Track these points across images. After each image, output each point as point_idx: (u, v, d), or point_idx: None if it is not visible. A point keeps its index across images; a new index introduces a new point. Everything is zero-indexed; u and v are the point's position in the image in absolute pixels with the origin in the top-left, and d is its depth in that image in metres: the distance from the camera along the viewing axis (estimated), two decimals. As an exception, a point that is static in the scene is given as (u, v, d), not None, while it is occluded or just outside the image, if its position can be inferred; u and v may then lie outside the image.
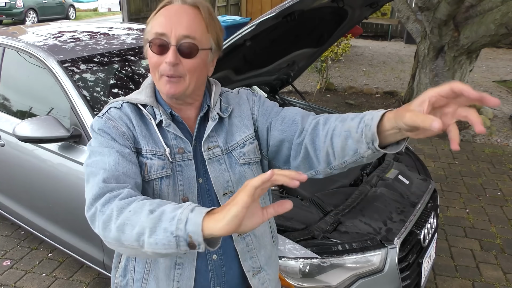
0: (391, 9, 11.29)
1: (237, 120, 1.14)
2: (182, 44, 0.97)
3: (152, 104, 1.06)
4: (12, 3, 13.85)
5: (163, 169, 1.02)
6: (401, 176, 2.33)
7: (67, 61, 2.41)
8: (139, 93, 1.10)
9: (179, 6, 1.00)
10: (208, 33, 1.01)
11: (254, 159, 1.13)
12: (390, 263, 1.83)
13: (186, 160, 1.05)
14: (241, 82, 2.78)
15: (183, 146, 1.05)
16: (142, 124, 1.05)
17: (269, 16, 1.85)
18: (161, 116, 1.05)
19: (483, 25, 4.84)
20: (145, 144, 1.03)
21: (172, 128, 1.05)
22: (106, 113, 1.05)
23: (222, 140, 1.10)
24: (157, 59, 0.99)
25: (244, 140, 1.12)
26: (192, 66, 0.99)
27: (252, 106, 1.17)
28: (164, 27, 0.97)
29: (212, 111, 1.10)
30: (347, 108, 6.13)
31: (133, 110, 1.06)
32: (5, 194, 2.81)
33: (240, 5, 12.42)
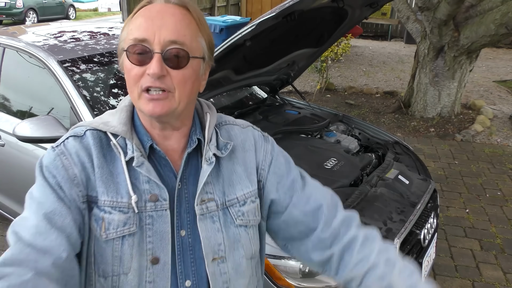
0: (391, 9, 11.29)
1: (240, 168, 0.92)
2: (169, 51, 0.78)
3: (124, 134, 0.84)
4: (12, 3, 13.85)
5: (125, 226, 0.81)
6: (401, 176, 2.33)
7: (67, 61, 2.41)
8: (112, 116, 0.88)
9: (162, 5, 0.81)
10: (200, 38, 0.83)
11: (253, 221, 0.93)
12: (390, 263, 1.83)
13: (160, 210, 0.83)
14: (241, 82, 2.78)
15: (158, 192, 0.83)
16: (105, 162, 0.83)
17: (269, 16, 1.85)
18: (133, 151, 0.83)
19: (483, 25, 4.84)
20: (104, 193, 0.81)
21: (144, 169, 0.82)
22: (62, 144, 0.84)
23: (219, 192, 0.89)
24: (137, 71, 0.79)
25: (245, 197, 0.91)
26: (182, 77, 0.80)
27: (263, 158, 0.96)
28: (145, 31, 0.78)
29: (207, 150, 0.88)
30: (347, 108, 6.13)
31: (98, 141, 0.85)
32: (5, 194, 2.81)
33: (240, 5, 12.42)
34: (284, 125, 2.74)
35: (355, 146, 2.72)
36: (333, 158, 2.41)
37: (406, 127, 5.45)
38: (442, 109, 5.67)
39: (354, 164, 2.42)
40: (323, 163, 2.35)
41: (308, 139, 2.69)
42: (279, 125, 2.73)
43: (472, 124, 5.44)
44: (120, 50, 0.84)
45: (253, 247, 0.93)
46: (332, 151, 2.51)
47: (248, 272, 0.93)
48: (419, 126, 5.47)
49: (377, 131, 2.94)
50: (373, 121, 5.61)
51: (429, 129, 5.35)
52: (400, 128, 5.42)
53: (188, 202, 0.87)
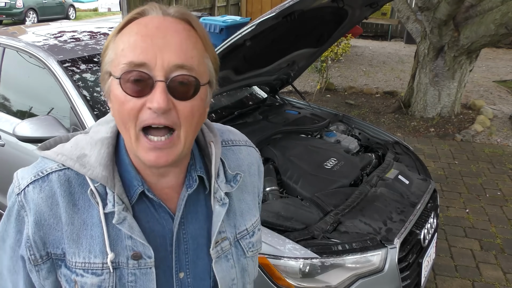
0: (391, 9, 11.29)
1: (248, 196, 0.85)
2: (175, 79, 0.63)
3: (104, 182, 0.69)
4: (12, 3, 13.85)
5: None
6: (401, 176, 2.33)
7: (67, 61, 2.41)
8: (90, 148, 0.72)
9: (160, 19, 0.65)
10: (207, 60, 0.69)
11: (259, 249, 0.88)
12: (390, 263, 1.83)
13: (144, 269, 0.72)
14: (241, 82, 2.78)
15: (141, 250, 0.71)
16: (77, 212, 0.70)
17: (269, 16, 1.85)
18: (114, 205, 0.69)
19: (483, 25, 4.84)
20: (75, 253, 0.70)
21: (127, 226, 0.70)
22: (23, 193, 0.71)
23: (230, 227, 0.81)
24: (133, 105, 0.63)
25: (253, 227, 0.86)
26: (190, 111, 0.66)
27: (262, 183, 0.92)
28: (143, 53, 0.62)
29: (217, 189, 0.77)
30: (347, 108, 6.13)
31: (66, 187, 0.70)
32: (5, 194, 2.81)
33: (240, 5, 12.42)
34: (284, 125, 2.74)
35: (355, 146, 2.72)
36: (333, 158, 2.41)
37: (406, 127, 5.45)
38: (442, 109, 5.67)
39: (354, 164, 2.42)
40: (323, 163, 2.35)
41: (308, 139, 2.69)
42: (279, 125, 2.73)
43: (472, 124, 5.44)
44: (104, 73, 0.68)
45: (255, 272, 0.90)
46: (332, 151, 2.51)
47: None
48: (419, 126, 5.47)
49: (377, 131, 2.94)
50: (373, 121, 5.61)
51: (429, 129, 5.35)
52: (400, 128, 5.42)
53: (187, 243, 0.77)
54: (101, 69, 0.69)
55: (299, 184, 2.17)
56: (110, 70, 0.66)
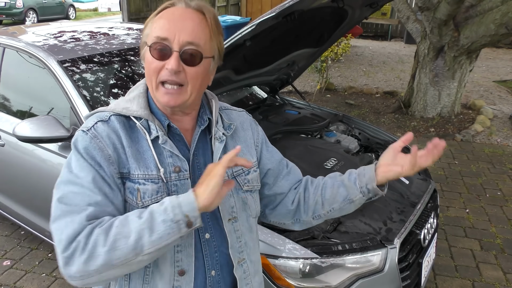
0: (391, 9, 11.29)
1: (242, 144, 1.11)
2: (186, 51, 0.92)
3: (147, 117, 0.98)
4: (12, 3, 13.85)
5: (157, 194, 0.95)
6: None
7: (67, 61, 2.41)
8: (129, 102, 1.00)
9: (183, 9, 0.95)
10: (212, 41, 0.97)
11: (256, 186, 1.12)
12: (390, 263, 1.83)
13: (182, 180, 0.98)
14: (241, 82, 2.78)
15: (180, 164, 0.98)
16: (133, 142, 0.96)
17: (269, 16, 1.85)
18: (157, 131, 0.97)
19: (483, 25, 4.84)
20: (136, 168, 0.94)
21: (168, 145, 0.97)
22: (92, 128, 0.95)
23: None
24: (157, 65, 0.93)
25: (248, 168, 1.09)
26: (195, 74, 0.94)
27: (256, 137, 1.17)
28: (167, 32, 0.91)
29: (216, 130, 1.05)
30: (347, 108, 6.13)
31: (123, 124, 0.97)
32: (5, 194, 2.81)
33: (240, 5, 12.42)
34: (284, 125, 2.74)
35: (355, 146, 2.72)
36: (333, 158, 2.41)
37: (406, 127, 5.45)
38: (442, 109, 5.67)
39: (354, 164, 2.41)
40: (323, 163, 2.35)
41: (308, 139, 2.68)
42: (279, 125, 2.73)
43: (472, 124, 5.44)
44: (143, 43, 0.98)
45: (257, 207, 1.13)
46: (332, 151, 2.51)
47: (254, 228, 1.13)
48: (419, 126, 5.47)
49: (377, 131, 2.94)
50: (373, 121, 5.61)
51: (429, 129, 5.35)
52: (400, 128, 5.42)
53: (200, 170, 1.01)
54: (141, 39, 1.00)
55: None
56: (146, 40, 0.96)
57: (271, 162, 1.17)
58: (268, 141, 1.21)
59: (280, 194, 1.18)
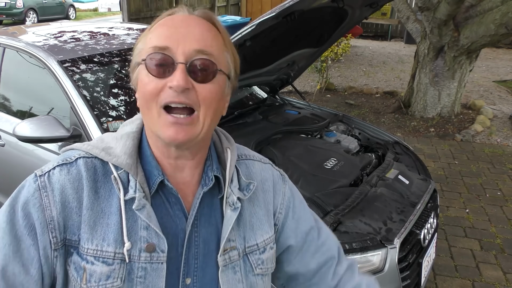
0: (391, 9, 11.29)
1: (260, 210, 0.83)
2: (195, 62, 0.68)
3: (128, 169, 0.72)
4: (12, 3, 13.85)
5: (107, 280, 0.70)
6: (401, 176, 2.33)
7: (67, 61, 2.41)
8: (116, 141, 0.76)
9: (186, 15, 0.73)
10: (227, 55, 0.74)
11: (271, 269, 0.86)
12: (390, 263, 1.83)
13: (155, 263, 0.72)
14: (241, 82, 2.78)
15: (156, 242, 0.72)
16: (99, 199, 0.72)
17: (269, 16, 1.85)
18: (135, 191, 0.71)
19: (483, 25, 4.84)
20: (89, 240, 0.70)
21: (145, 213, 0.71)
22: (47, 174, 0.72)
23: (240, 238, 0.80)
24: (155, 85, 0.68)
25: (265, 244, 0.83)
26: (209, 93, 0.69)
27: (281, 201, 0.88)
28: (168, 39, 0.68)
29: (229, 193, 0.78)
30: (347, 108, 6.13)
31: (93, 172, 0.73)
32: (5, 194, 2.81)
33: (240, 5, 12.42)
34: (284, 125, 2.74)
35: (355, 146, 2.72)
36: (333, 158, 2.41)
37: (406, 127, 5.45)
38: (442, 109, 5.67)
39: (354, 164, 2.41)
40: (323, 163, 2.35)
41: (308, 139, 2.68)
42: (279, 125, 2.73)
43: (472, 124, 5.44)
44: (133, 64, 0.73)
45: None
46: (332, 151, 2.51)
47: None
48: (419, 126, 5.47)
49: (377, 131, 2.94)
50: (373, 121, 5.61)
51: (429, 129, 5.35)
52: (400, 128, 5.42)
53: (198, 247, 0.76)
54: (132, 61, 0.74)
55: (299, 184, 2.17)
56: (138, 60, 0.72)
57: (295, 236, 0.88)
58: (297, 204, 0.91)
59: (304, 274, 0.90)
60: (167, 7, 9.60)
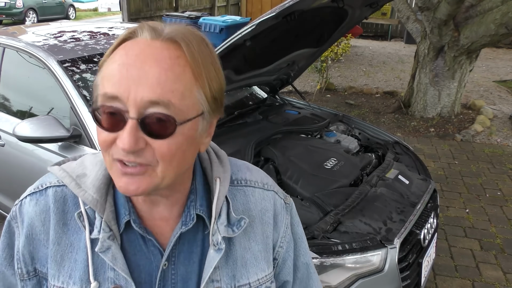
0: (391, 9, 11.28)
1: (256, 246, 0.75)
2: (148, 117, 0.57)
3: (93, 206, 0.66)
4: (12, 3, 13.85)
5: None
6: (401, 176, 2.33)
7: (67, 61, 2.41)
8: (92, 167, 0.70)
9: (145, 44, 0.59)
10: (197, 91, 0.61)
11: None
12: (390, 263, 1.83)
13: None
14: (241, 82, 2.78)
15: (123, 284, 0.67)
16: (65, 233, 0.68)
17: (269, 16, 1.85)
18: (100, 231, 0.66)
19: (483, 25, 4.84)
20: (55, 276, 0.67)
21: (110, 256, 0.65)
22: (19, 204, 0.71)
23: (228, 277, 0.72)
24: (105, 138, 0.59)
25: (259, 283, 0.75)
26: (168, 150, 0.59)
27: (282, 235, 0.79)
28: (118, 85, 0.57)
29: (215, 231, 0.69)
30: (347, 108, 6.13)
31: (61, 204, 0.69)
32: (5, 194, 2.81)
33: (240, 5, 12.43)
34: (284, 125, 2.74)
35: (355, 146, 2.72)
36: (333, 158, 2.41)
37: (406, 127, 5.45)
38: (442, 109, 5.67)
39: (354, 164, 2.42)
40: (323, 163, 2.35)
41: (308, 139, 2.68)
42: (279, 125, 2.73)
43: (472, 124, 5.44)
44: (95, 85, 0.63)
45: None
46: (332, 151, 2.51)
47: None
48: (419, 126, 5.47)
49: (377, 131, 2.94)
50: (373, 121, 5.61)
51: (429, 129, 5.35)
52: (400, 128, 5.42)
53: (175, 285, 0.70)
54: (93, 90, 0.64)
55: (299, 184, 2.17)
56: (95, 94, 0.62)
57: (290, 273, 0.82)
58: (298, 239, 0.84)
59: None
60: (167, 7, 9.61)
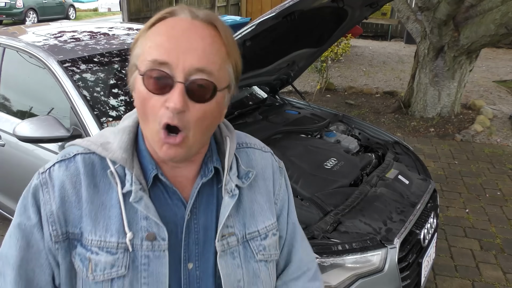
0: (391, 9, 11.29)
1: (262, 198, 0.85)
2: (194, 82, 0.66)
3: (123, 163, 0.74)
4: (12, 3, 13.85)
5: (112, 268, 0.73)
6: (401, 176, 2.33)
7: (67, 61, 2.41)
8: (114, 136, 0.78)
9: (189, 22, 0.68)
10: (228, 65, 0.72)
11: (274, 255, 0.87)
12: (390, 263, 1.83)
13: (157, 251, 0.74)
14: (241, 82, 2.78)
15: (156, 231, 0.74)
16: (98, 193, 0.74)
17: (269, 16, 1.85)
18: (132, 184, 0.73)
19: (483, 25, 4.84)
20: (92, 231, 0.73)
21: (143, 205, 0.73)
22: (48, 171, 0.75)
23: (239, 224, 0.82)
24: (154, 102, 0.67)
25: (267, 230, 0.85)
26: (203, 114, 0.69)
27: (277, 192, 0.90)
28: (168, 53, 0.65)
29: (228, 180, 0.79)
30: (347, 108, 6.13)
31: (90, 168, 0.75)
32: (5, 194, 2.81)
33: (240, 5, 12.43)
34: (284, 125, 2.74)
35: (355, 146, 2.72)
36: (333, 158, 2.41)
37: (406, 127, 5.45)
38: (442, 109, 5.67)
39: (354, 164, 2.42)
40: (323, 163, 2.35)
41: (308, 139, 2.69)
42: (279, 125, 2.73)
43: (472, 124, 5.44)
44: (131, 67, 0.72)
45: (272, 282, 0.88)
46: (332, 151, 2.51)
47: None
48: (419, 126, 5.47)
49: (377, 131, 2.94)
50: (373, 121, 5.61)
51: (429, 129, 5.35)
52: (400, 128, 5.42)
53: (198, 233, 0.79)
54: (130, 61, 0.73)
55: (299, 184, 2.17)
56: (136, 63, 0.70)
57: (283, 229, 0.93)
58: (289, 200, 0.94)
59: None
60: (167, 7, 9.60)
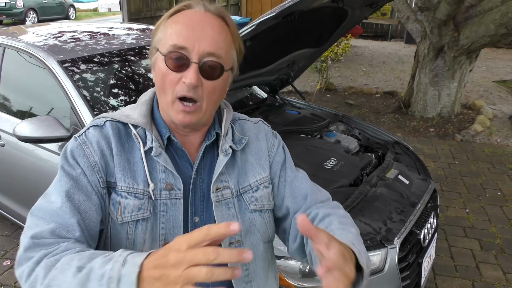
0: (391, 9, 11.29)
1: (252, 157, 0.99)
2: (205, 63, 0.83)
3: (144, 125, 0.90)
4: (12, 3, 13.85)
5: (139, 211, 0.87)
6: (401, 176, 2.33)
7: (67, 61, 2.41)
8: (133, 110, 0.94)
9: (202, 14, 0.85)
10: (232, 51, 0.89)
11: (267, 205, 0.98)
12: (390, 263, 1.83)
13: (174, 199, 0.89)
14: (241, 82, 2.78)
15: (173, 182, 0.89)
16: (124, 151, 0.89)
17: (269, 16, 1.86)
18: (152, 142, 0.89)
19: (483, 25, 4.84)
20: (122, 179, 0.87)
21: (162, 159, 0.88)
22: (83, 134, 0.90)
23: (233, 180, 0.95)
24: (173, 77, 0.83)
25: (258, 183, 0.98)
26: (213, 88, 0.85)
27: (271, 147, 1.03)
28: (185, 39, 0.82)
29: (223, 142, 0.95)
30: (347, 108, 6.13)
31: (117, 131, 0.90)
32: (5, 194, 2.81)
33: (240, 5, 12.43)
34: (284, 125, 2.75)
35: (355, 146, 2.72)
36: (333, 158, 2.41)
37: (406, 127, 5.45)
38: (442, 109, 5.67)
39: (354, 164, 2.42)
40: (323, 163, 2.35)
41: (308, 139, 2.69)
42: (279, 125, 2.73)
43: (472, 124, 5.44)
44: (153, 49, 0.88)
45: (270, 231, 1.00)
46: (332, 151, 2.51)
47: (266, 255, 1.00)
48: (419, 126, 5.47)
49: (377, 131, 2.94)
50: (373, 121, 5.61)
51: (429, 129, 5.35)
52: (400, 128, 5.42)
53: (203, 190, 0.93)
54: (151, 44, 0.90)
55: (299, 184, 2.17)
56: (157, 46, 0.86)
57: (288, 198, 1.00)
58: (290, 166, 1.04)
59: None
60: (167, 7, 9.60)
